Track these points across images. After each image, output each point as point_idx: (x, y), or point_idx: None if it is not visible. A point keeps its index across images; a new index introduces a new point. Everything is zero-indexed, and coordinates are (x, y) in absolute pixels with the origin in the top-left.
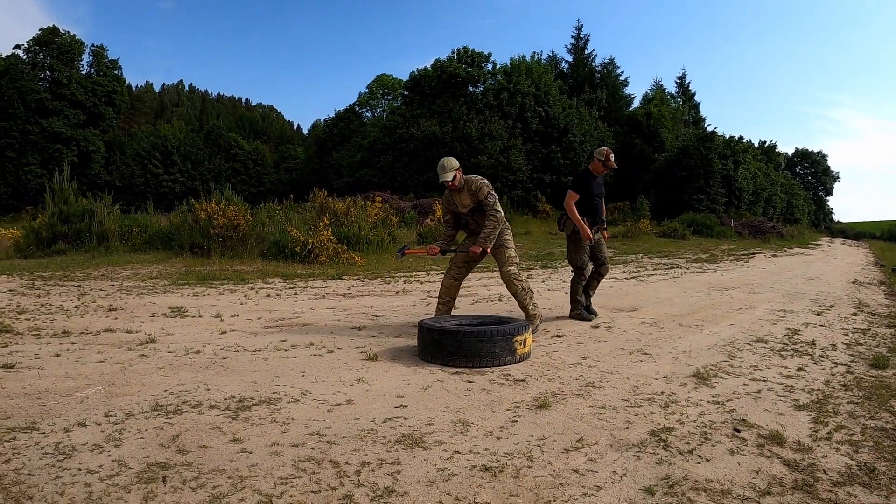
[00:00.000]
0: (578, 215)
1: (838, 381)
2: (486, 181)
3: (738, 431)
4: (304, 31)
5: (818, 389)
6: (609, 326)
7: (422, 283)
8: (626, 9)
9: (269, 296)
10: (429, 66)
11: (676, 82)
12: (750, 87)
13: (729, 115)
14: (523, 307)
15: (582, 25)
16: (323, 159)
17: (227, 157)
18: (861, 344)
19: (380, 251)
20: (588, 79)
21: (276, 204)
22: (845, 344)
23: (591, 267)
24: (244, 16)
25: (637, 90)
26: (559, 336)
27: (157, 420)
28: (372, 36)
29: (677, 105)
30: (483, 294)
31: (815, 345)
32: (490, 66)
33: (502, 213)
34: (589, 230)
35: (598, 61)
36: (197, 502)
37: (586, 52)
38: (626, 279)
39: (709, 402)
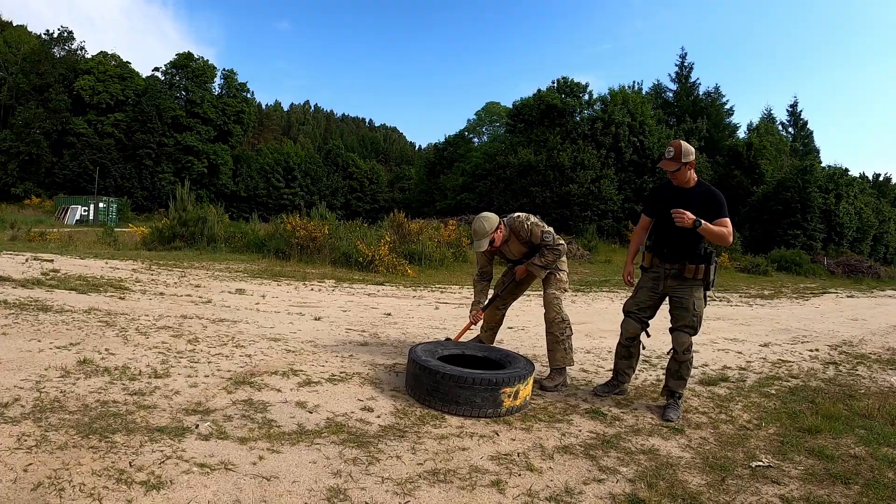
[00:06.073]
0: (636, 246)
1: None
2: (533, 218)
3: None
4: (433, 52)
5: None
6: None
7: (443, 292)
8: (742, 35)
9: (312, 290)
10: (531, 96)
11: (788, 111)
12: (869, 112)
13: (848, 145)
14: (552, 347)
15: (686, 53)
16: (431, 181)
17: (344, 174)
18: (745, 370)
19: (440, 268)
20: (690, 108)
21: (375, 222)
22: (724, 366)
23: (633, 324)
24: (365, 39)
25: (744, 118)
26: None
27: (176, 319)
28: (498, 60)
29: (786, 135)
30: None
31: None
32: (587, 97)
33: (564, 245)
34: (631, 271)
35: (702, 89)
36: (168, 335)
37: (690, 80)
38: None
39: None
